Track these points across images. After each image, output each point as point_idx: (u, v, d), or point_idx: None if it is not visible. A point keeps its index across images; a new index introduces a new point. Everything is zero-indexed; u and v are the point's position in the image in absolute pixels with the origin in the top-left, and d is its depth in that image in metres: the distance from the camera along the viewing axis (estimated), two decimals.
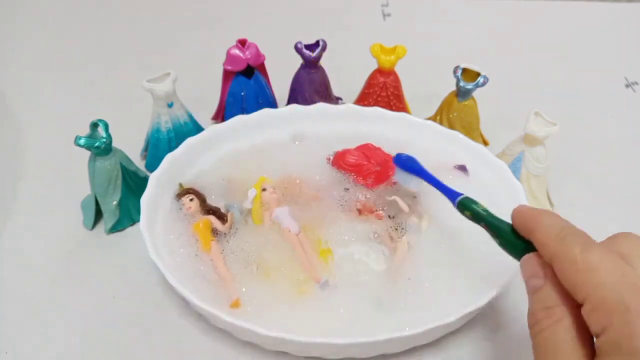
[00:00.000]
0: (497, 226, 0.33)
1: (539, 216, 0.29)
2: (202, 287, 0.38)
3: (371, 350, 0.36)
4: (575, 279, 0.25)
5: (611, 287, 0.24)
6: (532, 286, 0.28)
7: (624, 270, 0.24)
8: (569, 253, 0.26)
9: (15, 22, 0.74)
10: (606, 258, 0.25)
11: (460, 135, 0.48)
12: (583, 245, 0.26)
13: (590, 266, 0.25)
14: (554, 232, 0.27)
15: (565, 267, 0.26)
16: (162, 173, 0.44)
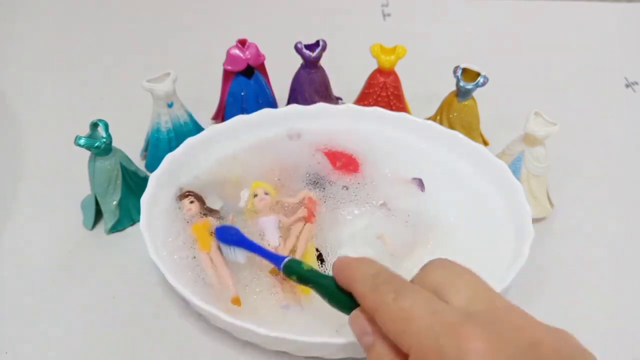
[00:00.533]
0: (322, 284, 0.31)
1: (355, 265, 0.29)
2: (202, 287, 0.38)
3: None
4: (395, 329, 0.25)
5: (426, 332, 0.24)
6: (364, 344, 0.27)
7: (435, 308, 0.24)
8: (384, 303, 0.25)
9: (15, 22, 0.74)
10: (417, 301, 0.25)
11: (460, 135, 0.48)
12: (395, 292, 0.26)
13: (404, 314, 0.25)
14: (369, 282, 0.27)
15: (384, 319, 0.25)
16: (162, 173, 0.44)
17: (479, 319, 0.24)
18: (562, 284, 0.43)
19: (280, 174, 0.46)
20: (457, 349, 0.22)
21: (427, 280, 0.27)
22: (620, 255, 0.46)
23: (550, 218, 0.48)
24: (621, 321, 0.41)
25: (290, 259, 0.34)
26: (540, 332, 0.24)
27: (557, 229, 0.47)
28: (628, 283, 0.44)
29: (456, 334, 0.23)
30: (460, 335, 0.23)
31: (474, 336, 0.23)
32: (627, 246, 0.47)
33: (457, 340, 0.23)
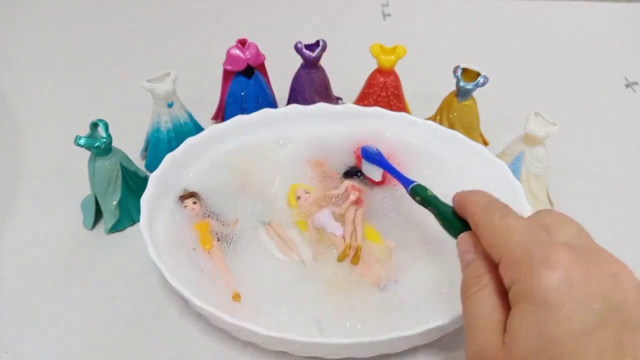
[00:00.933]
0: (441, 209, 0.35)
1: (471, 194, 0.32)
2: (202, 287, 0.38)
3: (371, 350, 0.36)
4: (493, 240, 0.27)
5: (521, 244, 0.26)
6: (465, 260, 0.30)
7: (535, 230, 0.27)
8: (490, 219, 0.28)
9: (15, 22, 0.74)
10: (520, 222, 0.27)
11: (460, 135, 0.48)
12: (502, 212, 0.28)
13: (505, 229, 0.27)
14: (481, 205, 0.30)
15: (486, 231, 0.28)
16: (162, 173, 0.44)
17: (573, 247, 0.25)
18: None
19: (314, 169, 0.47)
20: (545, 257, 0.24)
21: (537, 219, 0.29)
22: (620, 255, 0.45)
23: None
24: None
25: (417, 184, 0.38)
26: (626, 272, 0.25)
27: None
28: None
29: (548, 247, 0.25)
30: (551, 248, 0.25)
31: (564, 251, 0.24)
32: (627, 246, 0.46)
33: (546, 251, 0.25)
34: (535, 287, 0.24)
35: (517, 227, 0.27)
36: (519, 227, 0.27)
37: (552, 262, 0.24)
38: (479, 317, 0.27)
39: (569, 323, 0.23)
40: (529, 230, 0.26)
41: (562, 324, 0.23)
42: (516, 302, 0.25)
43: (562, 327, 0.23)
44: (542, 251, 0.25)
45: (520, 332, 0.24)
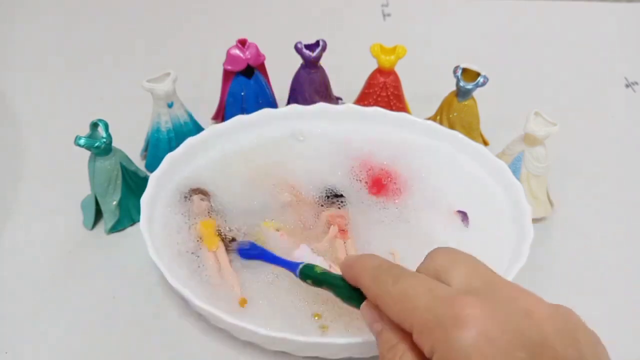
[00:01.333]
0: (335, 284, 0.32)
1: (357, 261, 0.30)
2: (202, 287, 0.38)
3: (371, 350, 0.36)
4: (396, 311, 0.26)
5: (424, 307, 0.25)
6: (375, 331, 0.28)
7: (432, 287, 0.25)
8: (384, 289, 0.27)
9: (15, 22, 0.74)
10: (415, 282, 0.26)
11: (460, 135, 0.48)
12: (394, 277, 0.27)
13: (403, 295, 0.26)
14: (371, 273, 0.28)
15: (385, 303, 0.27)
16: (162, 173, 0.44)
17: (476, 291, 0.25)
18: (562, 284, 0.43)
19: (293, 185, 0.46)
20: (454, 316, 0.23)
21: (430, 266, 0.28)
22: (620, 255, 0.46)
23: (550, 218, 0.48)
24: (622, 321, 0.41)
25: (304, 265, 0.35)
26: (536, 302, 0.25)
27: (557, 229, 0.47)
28: (628, 283, 0.44)
29: (452, 304, 0.24)
30: (456, 305, 0.24)
31: (470, 304, 0.23)
32: (627, 246, 0.47)
33: (453, 309, 0.23)
34: (455, 352, 0.23)
35: (414, 291, 0.26)
36: (415, 290, 0.26)
37: (463, 320, 0.23)
38: None
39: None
40: (427, 290, 0.25)
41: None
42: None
43: None
44: (448, 310, 0.24)
45: None
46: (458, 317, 0.23)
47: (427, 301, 0.25)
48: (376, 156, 0.48)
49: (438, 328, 0.24)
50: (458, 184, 0.46)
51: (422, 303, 0.25)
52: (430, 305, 0.24)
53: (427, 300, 0.25)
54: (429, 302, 0.25)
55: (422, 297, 0.25)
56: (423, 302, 0.25)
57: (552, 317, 0.24)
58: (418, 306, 0.25)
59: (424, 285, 0.26)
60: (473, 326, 0.23)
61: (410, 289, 0.26)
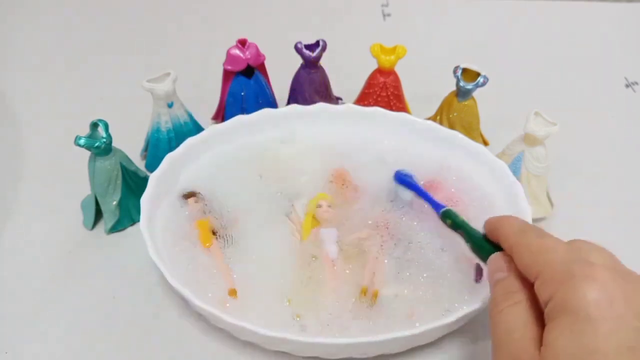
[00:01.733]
0: (471, 232, 0.36)
1: (505, 218, 0.33)
2: (202, 287, 0.38)
3: (371, 350, 0.36)
4: (531, 259, 0.28)
5: (560, 262, 0.26)
6: (496, 278, 0.30)
7: (573, 250, 0.27)
8: (527, 239, 0.29)
9: (15, 22, 0.74)
10: (558, 242, 0.28)
11: (460, 135, 0.48)
12: (538, 233, 0.29)
13: (544, 248, 0.28)
14: (516, 228, 0.31)
15: (523, 251, 0.29)
16: (162, 173, 0.44)
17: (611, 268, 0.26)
18: None
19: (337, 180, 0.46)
20: (586, 273, 0.25)
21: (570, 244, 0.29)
22: (620, 255, 0.46)
23: (550, 218, 0.48)
24: None
25: (447, 208, 0.39)
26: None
27: (557, 229, 0.47)
28: None
29: (588, 266, 0.25)
30: (592, 267, 0.25)
31: (603, 271, 0.25)
32: (627, 246, 0.46)
33: (588, 269, 0.25)
34: (576, 301, 0.24)
35: (556, 247, 0.27)
36: (558, 247, 0.27)
37: (594, 278, 0.24)
38: (511, 332, 0.27)
39: (611, 338, 0.23)
40: (568, 250, 0.27)
41: (603, 338, 0.23)
42: (554, 316, 0.25)
43: (604, 341, 0.23)
44: (583, 268, 0.25)
45: (558, 345, 0.24)
46: (590, 275, 0.25)
47: (564, 256, 0.27)
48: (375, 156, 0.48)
49: (568, 279, 0.25)
50: (458, 185, 0.46)
51: (560, 257, 0.27)
52: (567, 260, 0.26)
53: (565, 256, 0.27)
54: (567, 257, 0.26)
55: (561, 253, 0.27)
56: (560, 256, 0.27)
57: None
58: (555, 259, 0.27)
59: (567, 247, 0.28)
60: (601, 286, 0.24)
61: (553, 245, 0.28)
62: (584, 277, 0.25)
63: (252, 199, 0.45)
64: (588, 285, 0.24)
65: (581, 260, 0.26)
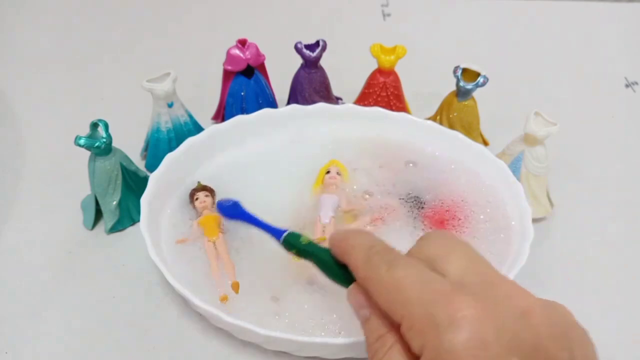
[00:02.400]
0: (321, 257, 0.31)
1: (351, 237, 0.29)
2: (203, 287, 0.38)
3: None
4: (387, 300, 0.25)
5: (417, 301, 0.23)
6: (362, 316, 0.27)
7: (427, 278, 0.24)
8: (377, 274, 0.25)
9: (15, 22, 0.74)
10: (410, 271, 0.25)
11: (460, 135, 0.48)
12: (388, 263, 0.25)
13: (396, 284, 0.24)
14: (363, 254, 0.27)
15: (376, 289, 0.25)
16: (162, 173, 0.44)
17: (471, 288, 0.24)
18: (562, 284, 0.43)
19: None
20: (448, 316, 0.22)
21: (423, 252, 0.27)
22: (620, 255, 0.46)
23: (550, 218, 0.48)
24: (621, 321, 0.41)
25: (289, 233, 0.34)
26: (532, 302, 0.24)
27: (557, 229, 0.47)
28: (628, 283, 0.44)
29: (447, 302, 0.23)
30: (451, 303, 0.23)
31: (465, 304, 0.22)
32: (627, 246, 0.47)
33: (447, 308, 0.22)
34: (447, 355, 0.22)
35: (407, 281, 0.24)
36: (409, 280, 0.24)
37: (457, 322, 0.22)
38: None
39: None
40: (421, 282, 0.24)
41: None
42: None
43: None
44: (443, 309, 0.22)
45: None
46: (452, 319, 0.22)
47: (420, 295, 0.24)
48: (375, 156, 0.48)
49: (430, 327, 0.23)
50: (458, 185, 0.46)
51: (415, 296, 0.24)
52: (424, 300, 0.23)
53: (420, 293, 0.24)
54: (423, 296, 0.23)
55: (415, 289, 0.24)
56: (416, 295, 0.24)
57: (547, 317, 0.23)
58: (411, 299, 0.24)
59: (418, 276, 0.24)
60: (467, 329, 0.22)
61: (404, 279, 0.24)
62: (446, 323, 0.22)
63: (253, 199, 0.45)
64: (453, 334, 0.22)
65: (438, 295, 0.23)
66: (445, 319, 0.22)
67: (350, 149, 0.49)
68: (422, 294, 0.24)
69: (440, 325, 0.22)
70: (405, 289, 0.24)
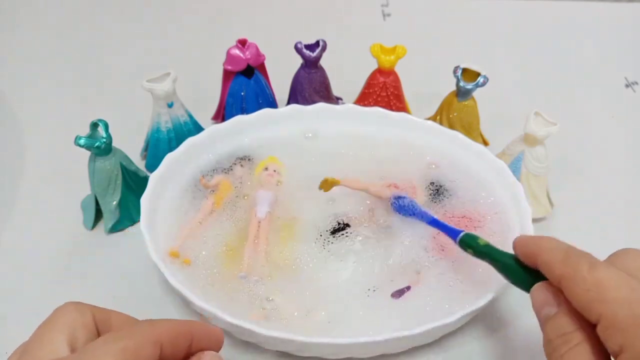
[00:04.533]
0: (500, 260, 0.32)
1: (540, 241, 0.29)
2: (203, 287, 0.38)
3: (371, 350, 0.36)
4: (587, 298, 0.25)
5: (623, 303, 0.24)
6: (545, 315, 0.28)
7: (633, 284, 0.24)
8: (577, 272, 0.26)
9: (15, 22, 0.74)
10: (614, 274, 0.25)
11: (460, 135, 0.48)
12: (590, 263, 0.26)
13: (599, 284, 0.25)
14: (559, 254, 0.27)
15: (575, 287, 0.26)
16: (162, 173, 0.44)
17: None
18: None
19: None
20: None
21: (622, 263, 0.27)
22: None
23: (550, 218, 0.48)
24: None
25: (466, 234, 0.35)
26: None
27: (557, 229, 0.47)
28: None
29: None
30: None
31: None
32: (627, 246, 0.46)
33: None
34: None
35: (613, 283, 0.25)
36: (615, 283, 0.25)
37: None
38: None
39: None
40: (627, 285, 0.24)
41: None
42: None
43: None
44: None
45: None
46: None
47: (626, 296, 0.24)
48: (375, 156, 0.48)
49: (635, 327, 0.23)
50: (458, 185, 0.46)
51: (621, 296, 0.24)
52: (631, 301, 0.24)
53: (626, 295, 0.24)
54: (629, 297, 0.24)
55: (622, 290, 0.24)
56: (622, 296, 0.24)
57: None
58: (616, 298, 0.24)
59: (624, 280, 0.25)
60: None
61: (609, 280, 0.25)
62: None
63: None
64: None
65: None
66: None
67: (350, 149, 0.49)
68: (628, 294, 0.24)
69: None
70: (609, 288, 0.24)
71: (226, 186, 0.45)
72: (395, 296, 0.38)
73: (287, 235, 0.42)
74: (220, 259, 0.40)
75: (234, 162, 0.47)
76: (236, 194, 0.45)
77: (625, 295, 0.24)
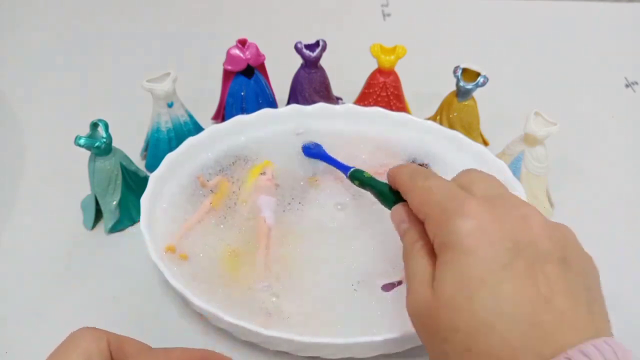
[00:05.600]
0: (377, 187, 0.37)
1: (400, 166, 0.35)
2: (202, 287, 0.38)
3: (371, 350, 0.36)
4: (418, 202, 0.30)
5: (437, 202, 0.28)
6: (402, 230, 0.32)
7: (452, 188, 0.29)
8: (414, 183, 0.31)
9: (15, 22, 0.74)
10: (440, 182, 0.30)
11: (460, 135, 0.48)
12: (424, 176, 0.31)
13: (427, 190, 0.30)
14: (407, 173, 0.33)
15: (412, 195, 0.31)
16: (162, 173, 0.44)
17: (486, 197, 0.28)
18: None
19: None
20: (459, 209, 0.27)
21: (459, 179, 0.31)
22: (620, 255, 0.46)
23: (550, 218, 0.48)
24: (621, 321, 0.41)
25: (355, 169, 0.41)
26: (533, 211, 0.27)
27: None
28: (628, 283, 0.44)
29: (462, 201, 0.27)
30: (465, 202, 0.27)
31: (474, 202, 0.27)
32: (627, 246, 0.47)
33: (461, 205, 0.27)
34: (452, 236, 0.26)
35: (436, 188, 0.29)
36: (438, 187, 0.29)
37: (465, 212, 0.26)
38: (415, 275, 0.28)
39: (485, 262, 0.25)
40: (447, 189, 0.29)
41: (478, 263, 0.25)
42: (439, 253, 0.27)
43: (479, 266, 0.25)
44: (457, 204, 0.27)
45: (444, 278, 0.26)
46: (462, 210, 0.27)
47: (443, 196, 0.28)
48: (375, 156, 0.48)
49: (444, 218, 0.27)
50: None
51: (439, 197, 0.29)
52: (444, 199, 0.28)
53: (443, 195, 0.28)
54: (444, 197, 0.28)
55: (440, 193, 0.29)
56: (439, 197, 0.29)
57: (547, 226, 0.27)
58: (434, 199, 0.29)
59: (446, 186, 0.29)
60: (472, 218, 0.26)
61: (434, 187, 0.30)
62: (455, 213, 0.27)
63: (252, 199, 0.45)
64: (460, 220, 0.26)
65: (457, 197, 0.28)
66: (455, 211, 0.27)
67: (350, 148, 0.49)
68: (444, 195, 0.29)
69: (451, 216, 0.27)
70: (432, 192, 0.29)
71: (225, 186, 0.45)
72: (387, 289, 0.39)
73: (291, 237, 0.42)
74: (222, 262, 0.40)
75: (233, 162, 0.47)
76: (236, 195, 0.45)
77: (442, 196, 0.29)
